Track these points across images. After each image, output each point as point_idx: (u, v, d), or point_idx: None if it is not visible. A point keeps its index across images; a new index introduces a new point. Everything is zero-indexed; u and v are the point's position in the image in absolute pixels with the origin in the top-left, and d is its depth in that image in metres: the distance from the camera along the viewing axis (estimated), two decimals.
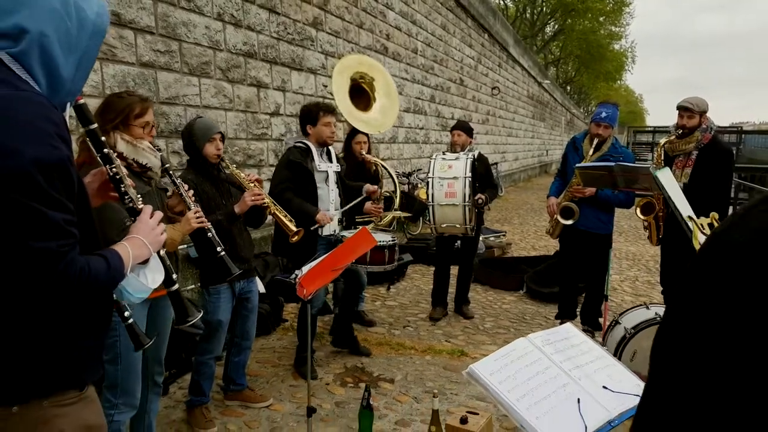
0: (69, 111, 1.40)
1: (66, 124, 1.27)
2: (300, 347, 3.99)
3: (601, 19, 45.48)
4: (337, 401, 3.56)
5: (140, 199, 1.65)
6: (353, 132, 4.75)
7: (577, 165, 4.23)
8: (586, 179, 4.13)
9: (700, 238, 2.60)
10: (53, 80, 1.27)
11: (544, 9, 42.58)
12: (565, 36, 44.35)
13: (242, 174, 3.15)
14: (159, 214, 1.60)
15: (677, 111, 4.12)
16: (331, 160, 3.91)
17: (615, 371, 1.73)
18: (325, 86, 7.72)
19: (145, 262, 1.55)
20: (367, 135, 4.77)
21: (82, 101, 1.48)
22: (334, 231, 3.85)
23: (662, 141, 4.18)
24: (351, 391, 3.72)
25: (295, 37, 7.06)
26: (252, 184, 3.10)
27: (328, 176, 3.86)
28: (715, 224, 2.93)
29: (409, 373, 3.99)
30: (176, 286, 1.85)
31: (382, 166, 4.52)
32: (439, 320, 5.14)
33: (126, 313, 1.71)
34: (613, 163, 3.77)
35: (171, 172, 2.58)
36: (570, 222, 4.44)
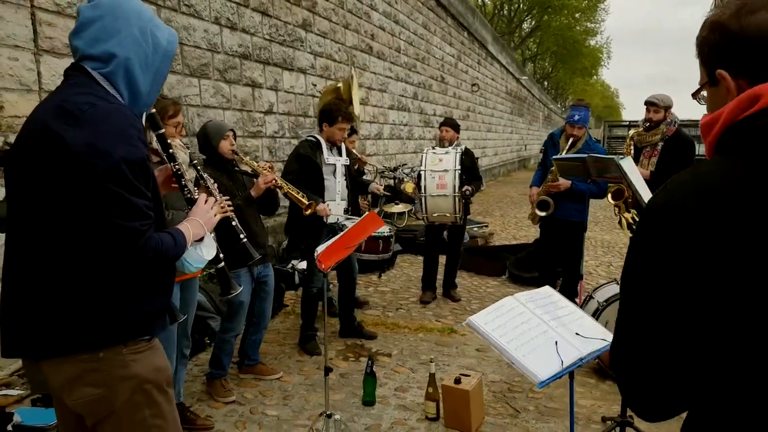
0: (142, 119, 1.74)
1: (144, 129, 1.63)
2: (304, 327, 4.35)
3: (576, 15, 46.33)
4: (342, 373, 3.94)
5: (196, 189, 1.99)
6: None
7: (554, 157, 4.64)
8: (563, 170, 4.54)
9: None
10: (133, 94, 1.59)
11: (521, 6, 43.21)
12: (542, 32, 45.08)
13: (255, 163, 3.52)
14: (212, 200, 1.92)
15: (645, 106, 4.56)
16: (340, 154, 4.28)
17: (586, 323, 2.12)
18: (314, 85, 8.06)
19: (201, 239, 1.88)
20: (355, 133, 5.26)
21: (153, 111, 1.82)
22: (338, 219, 4.21)
23: (631, 133, 4.62)
24: (353, 364, 4.09)
25: (286, 38, 7.38)
26: (265, 171, 3.46)
27: (335, 169, 4.22)
28: None
29: (405, 348, 4.38)
30: (222, 264, 2.18)
31: (371, 165, 4.99)
32: (429, 303, 5.54)
33: None
34: (585, 155, 4.18)
35: (198, 167, 2.92)
36: (545, 214, 4.87)
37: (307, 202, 3.72)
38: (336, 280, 4.81)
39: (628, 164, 2.83)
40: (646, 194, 2.77)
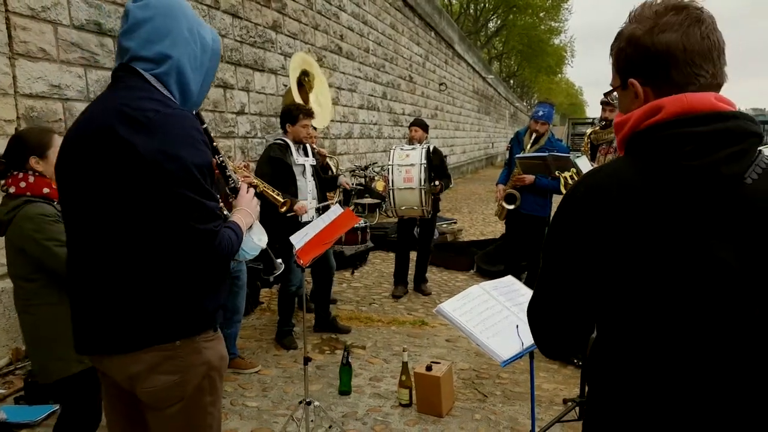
0: None
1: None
2: (281, 322, 4.49)
3: (541, 14, 47.19)
4: (318, 365, 4.10)
5: (239, 179, 2.07)
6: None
7: (517, 156, 4.89)
8: (525, 168, 4.79)
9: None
10: (185, 94, 1.60)
11: (487, 5, 43.82)
12: (508, 31, 45.77)
13: (231, 162, 3.65)
14: (252, 189, 1.94)
15: (601, 106, 4.83)
16: (307, 155, 4.42)
17: None
18: (285, 85, 8.16)
19: (250, 227, 1.91)
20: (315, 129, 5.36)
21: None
22: (312, 218, 4.36)
23: (588, 131, 4.88)
24: (329, 356, 4.26)
25: (257, 39, 7.48)
26: (240, 169, 3.60)
27: (305, 169, 4.37)
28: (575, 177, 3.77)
29: (378, 341, 4.56)
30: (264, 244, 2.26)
31: (332, 161, 5.13)
32: (401, 297, 5.74)
33: None
34: (546, 154, 4.43)
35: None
36: (512, 207, 5.11)
37: (282, 200, 3.86)
38: (310, 276, 4.96)
39: (582, 162, 3.07)
40: None
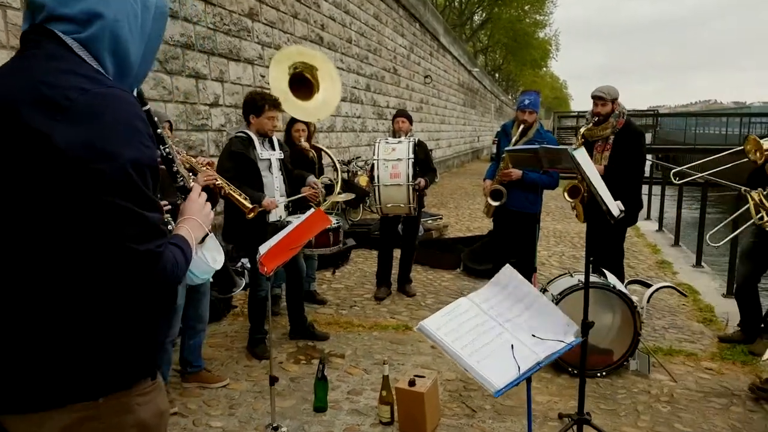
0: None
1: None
2: (253, 329, 4.15)
3: (526, 7, 47.01)
4: (292, 377, 3.77)
5: (191, 176, 1.68)
6: (292, 120, 4.92)
7: (506, 148, 4.57)
8: (515, 161, 4.47)
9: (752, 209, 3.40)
10: (122, 67, 1.22)
11: None
12: (493, 24, 45.52)
13: (194, 159, 3.29)
14: (204, 194, 1.52)
15: (592, 100, 4.53)
16: (273, 148, 4.07)
17: (545, 316, 2.02)
18: (263, 76, 7.78)
19: (202, 242, 1.53)
20: (306, 123, 4.96)
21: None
22: (280, 217, 4.01)
23: (582, 130, 4.57)
24: (304, 367, 3.93)
25: (232, 27, 7.09)
26: (204, 168, 3.24)
27: (271, 164, 4.01)
28: (764, 201, 3.48)
29: (358, 348, 4.24)
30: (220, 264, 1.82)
31: (327, 153, 4.70)
32: (384, 299, 5.42)
33: None
34: (537, 146, 4.12)
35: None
36: (498, 203, 4.81)
37: (250, 206, 3.47)
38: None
39: (581, 155, 2.75)
40: (600, 185, 2.70)
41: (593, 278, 3.94)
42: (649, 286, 4.22)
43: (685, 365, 4.02)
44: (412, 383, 3.07)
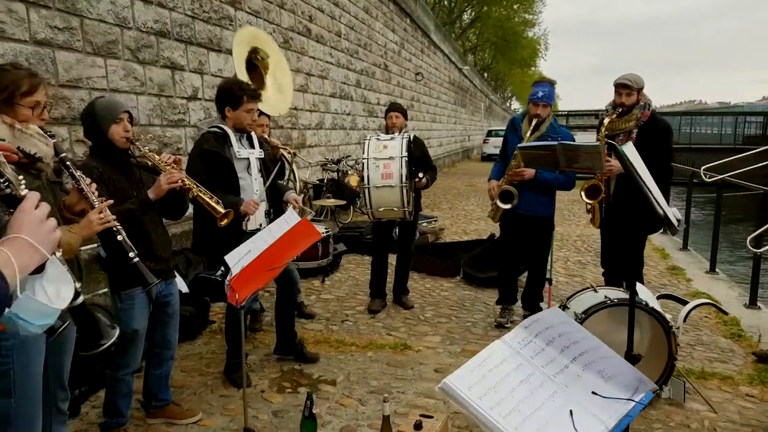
0: None
1: None
2: (230, 352, 3.62)
3: (515, 6, 46.66)
4: (275, 410, 3.24)
5: (23, 184, 1.24)
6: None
7: (519, 145, 4.08)
8: (528, 159, 4.00)
9: None
10: None
11: None
12: (482, 23, 45.11)
13: (157, 156, 2.75)
14: (45, 206, 1.18)
15: (615, 88, 4.03)
16: (252, 146, 3.52)
17: (604, 364, 1.53)
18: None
19: (40, 270, 1.16)
20: (268, 117, 4.43)
21: None
22: (260, 225, 3.47)
23: (606, 121, 4.05)
24: (290, 397, 3.40)
25: (212, 15, 6.54)
26: (169, 167, 2.70)
27: (249, 164, 3.46)
28: None
29: (352, 373, 3.72)
30: (81, 299, 1.47)
31: (284, 153, 4.08)
32: (379, 312, 4.90)
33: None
34: (555, 142, 3.63)
35: (68, 162, 2.17)
36: (509, 206, 4.31)
37: (222, 211, 2.88)
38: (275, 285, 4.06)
39: (630, 151, 2.25)
40: (654, 188, 2.21)
41: (619, 293, 3.46)
42: (681, 301, 3.74)
43: (722, 391, 3.55)
44: (418, 426, 2.55)
